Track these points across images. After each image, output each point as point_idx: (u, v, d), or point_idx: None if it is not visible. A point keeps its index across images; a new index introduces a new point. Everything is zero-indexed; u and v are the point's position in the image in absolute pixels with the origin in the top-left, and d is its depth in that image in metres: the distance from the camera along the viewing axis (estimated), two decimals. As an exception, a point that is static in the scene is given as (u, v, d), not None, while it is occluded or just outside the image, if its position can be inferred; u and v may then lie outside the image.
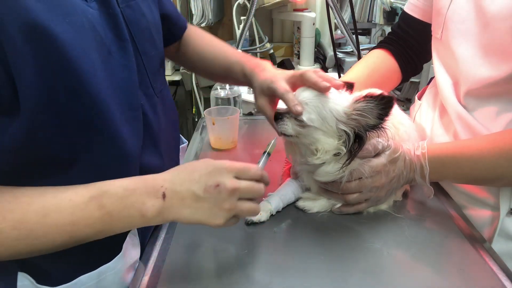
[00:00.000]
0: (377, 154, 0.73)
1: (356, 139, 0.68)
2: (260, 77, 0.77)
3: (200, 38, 0.95)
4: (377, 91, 0.68)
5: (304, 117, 0.68)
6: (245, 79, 0.83)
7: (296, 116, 0.69)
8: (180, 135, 0.96)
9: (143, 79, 0.68)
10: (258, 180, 0.61)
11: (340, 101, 0.69)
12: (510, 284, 0.62)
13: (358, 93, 0.71)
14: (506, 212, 0.76)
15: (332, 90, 0.69)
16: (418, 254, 0.69)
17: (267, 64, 0.81)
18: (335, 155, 0.70)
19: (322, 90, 0.68)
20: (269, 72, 0.77)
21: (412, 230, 0.74)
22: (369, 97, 0.66)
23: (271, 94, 0.74)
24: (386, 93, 0.65)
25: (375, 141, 0.72)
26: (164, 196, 0.55)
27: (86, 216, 0.53)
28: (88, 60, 0.54)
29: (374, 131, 0.67)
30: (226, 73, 0.89)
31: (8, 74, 0.48)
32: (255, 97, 0.79)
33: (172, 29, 0.90)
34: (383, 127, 0.67)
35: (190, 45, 0.95)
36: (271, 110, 0.75)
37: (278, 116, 0.72)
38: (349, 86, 0.73)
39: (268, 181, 0.63)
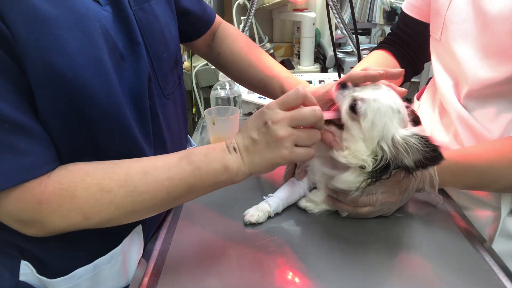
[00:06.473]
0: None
1: (384, 165, 0.64)
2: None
3: (236, 39, 0.94)
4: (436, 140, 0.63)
5: (362, 108, 0.64)
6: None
7: (354, 103, 0.65)
8: (190, 137, 0.96)
9: (152, 81, 0.69)
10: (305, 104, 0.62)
11: (398, 126, 0.64)
12: (510, 284, 0.62)
13: (421, 130, 0.65)
14: (507, 212, 0.77)
15: (402, 110, 0.66)
16: (418, 254, 0.69)
17: (307, 83, 0.83)
18: (360, 167, 0.66)
19: (374, 79, 0.67)
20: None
21: (413, 230, 0.74)
22: (425, 140, 0.61)
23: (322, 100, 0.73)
24: (441, 149, 0.61)
25: None
26: (235, 149, 0.61)
27: (180, 171, 0.59)
28: (99, 65, 0.55)
29: (401, 170, 0.64)
30: (261, 85, 0.90)
31: (21, 69, 0.50)
32: None
33: (195, 24, 0.90)
34: (412, 174, 0.65)
35: (225, 45, 0.93)
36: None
37: (344, 85, 0.68)
38: (417, 122, 0.71)
39: (314, 101, 0.62)
